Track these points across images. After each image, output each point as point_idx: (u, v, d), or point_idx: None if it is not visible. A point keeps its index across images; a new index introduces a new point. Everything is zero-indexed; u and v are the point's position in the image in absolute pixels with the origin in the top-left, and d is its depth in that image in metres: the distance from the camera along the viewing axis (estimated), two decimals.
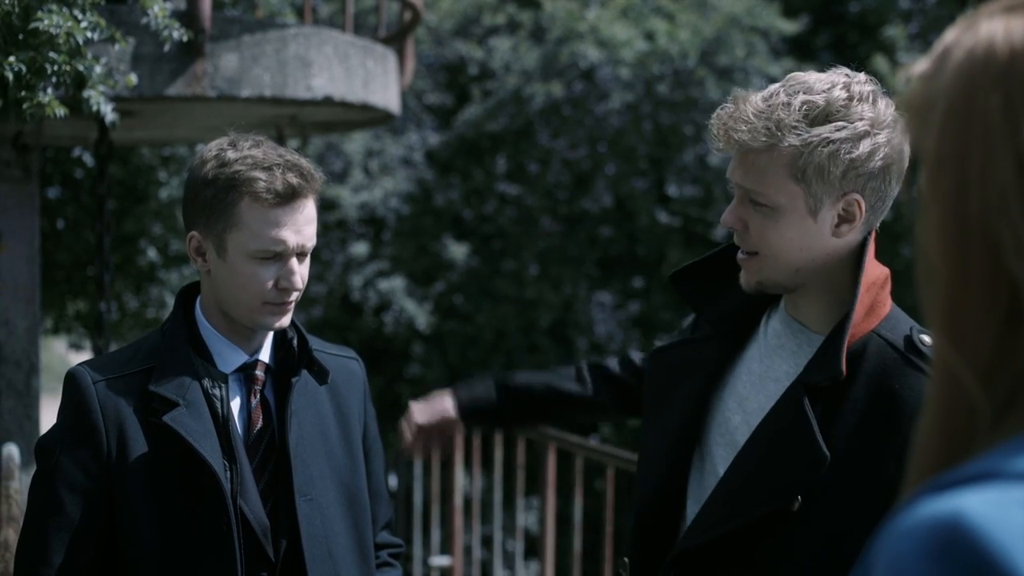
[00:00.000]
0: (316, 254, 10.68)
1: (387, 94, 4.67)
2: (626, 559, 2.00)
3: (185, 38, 3.56)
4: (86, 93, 3.16)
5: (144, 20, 3.46)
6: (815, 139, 1.74)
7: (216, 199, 1.99)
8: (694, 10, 10.88)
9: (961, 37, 0.80)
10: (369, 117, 4.98)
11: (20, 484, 3.22)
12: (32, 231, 3.92)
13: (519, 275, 10.93)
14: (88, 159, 6.33)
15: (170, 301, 7.45)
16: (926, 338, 1.82)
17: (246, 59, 4.00)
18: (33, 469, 3.93)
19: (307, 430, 2.08)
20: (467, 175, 11.22)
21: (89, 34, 3.03)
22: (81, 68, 3.08)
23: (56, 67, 2.94)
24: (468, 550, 6.89)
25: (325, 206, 10.66)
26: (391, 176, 10.99)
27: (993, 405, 0.73)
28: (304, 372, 2.08)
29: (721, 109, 1.82)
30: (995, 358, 0.74)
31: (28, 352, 3.93)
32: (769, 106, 1.76)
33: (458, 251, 10.72)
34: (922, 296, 0.78)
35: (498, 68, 11.03)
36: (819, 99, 1.75)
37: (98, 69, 3.20)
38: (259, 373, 2.07)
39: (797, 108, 1.75)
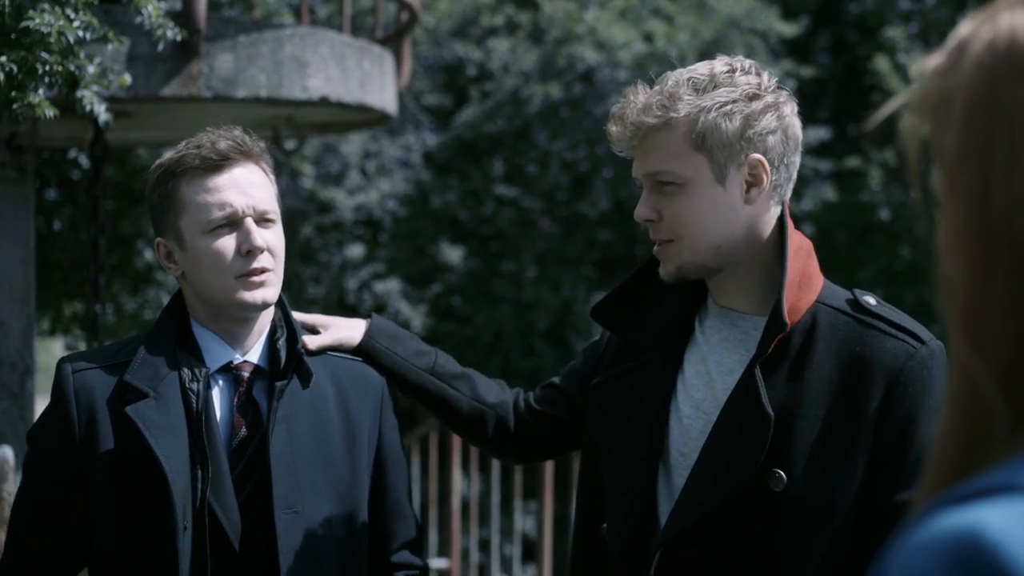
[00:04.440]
0: (313, 256, 10.65)
1: (384, 95, 4.64)
2: (606, 525, 1.96)
3: (180, 38, 3.53)
4: (79, 93, 3.13)
5: (138, 20, 3.43)
6: (707, 103, 1.81)
7: (162, 194, 1.98)
8: (693, 12, 10.86)
9: (979, 30, 0.76)
10: (366, 118, 4.95)
11: (14, 486, 3.19)
12: (27, 232, 3.89)
13: (517, 277, 10.90)
14: (84, 160, 6.30)
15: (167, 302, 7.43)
16: (869, 298, 1.86)
17: (242, 59, 3.97)
18: None
19: (299, 438, 1.99)
20: (465, 176, 11.19)
21: (81, 33, 3.00)
22: (73, 68, 3.05)
23: (48, 67, 2.91)
24: (466, 553, 6.87)
25: (321, 208, 10.62)
26: (388, 178, 10.96)
27: (1012, 410, 0.71)
28: (295, 376, 2.00)
29: (612, 108, 1.88)
30: (1015, 361, 0.71)
31: (23, 354, 3.90)
32: (658, 88, 1.83)
33: (455, 254, 10.70)
34: (940, 296, 0.75)
35: (496, 69, 11.00)
36: (703, 72, 1.83)
37: (91, 69, 3.17)
38: (244, 374, 2.00)
39: (684, 82, 1.83)
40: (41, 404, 4.82)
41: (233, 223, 1.95)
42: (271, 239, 1.97)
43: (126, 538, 1.92)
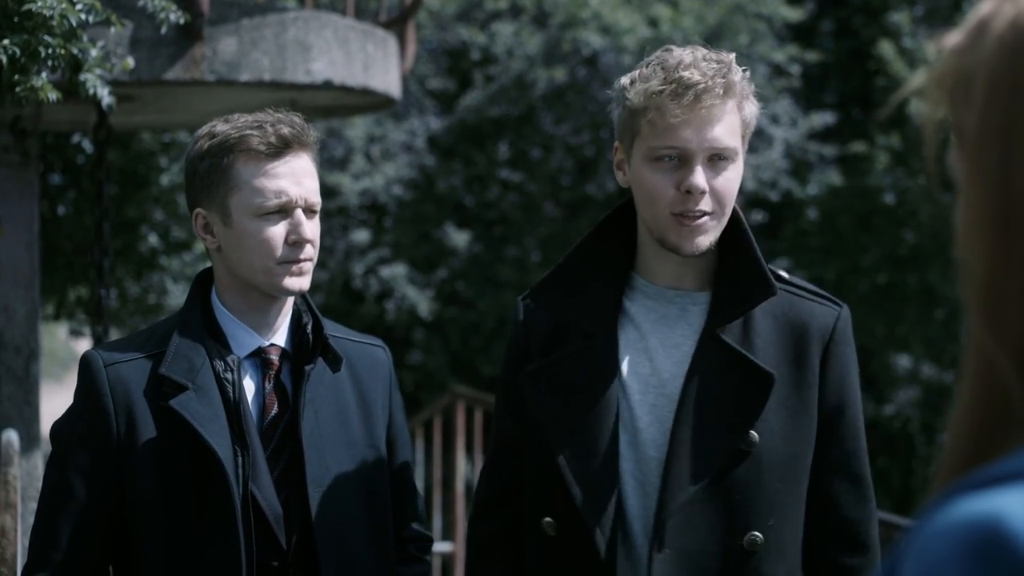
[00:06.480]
0: None
1: (388, 78, 4.63)
2: (549, 519, 1.95)
3: (183, 21, 3.52)
4: (82, 77, 3.12)
5: (141, 3, 3.42)
6: (746, 85, 1.92)
7: (213, 167, 1.99)
8: None
9: (1001, 7, 0.75)
10: (370, 102, 4.94)
11: (19, 470, 3.19)
12: (31, 216, 3.89)
13: (522, 261, 10.89)
14: (88, 144, 6.30)
15: (171, 287, 7.43)
16: (781, 271, 2.00)
17: (245, 43, 3.96)
18: (32, 455, 3.92)
19: (325, 419, 2.03)
20: (469, 161, 11.17)
21: (84, 16, 2.99)
22: (76, 51, 3.04)
23: (51, 50, 2.91)
24: None
25: (326, 193, 10.57)
26: (392, 162, 10.94)
27: None
28: (320, 359, 2.04)
29: (666, 76, 1.89)
30: None
31: (27, 338, 3.91)
32: (717, 65, 1.90)
33: (460, 238, 10.68)
34: (959, 280, 0.74)
35: (501, 53, 10.97)
36: (712, 53, 1.93)
37: (94, 52, 3.16)
38: (273, 357, 2.03)
39: (729, 61, 1.93)
40: (46, 388, 4.81)
41: (284, 211, 1.99)
42: (314, 231, 2.03)
43: (172, 528, 1.94)
